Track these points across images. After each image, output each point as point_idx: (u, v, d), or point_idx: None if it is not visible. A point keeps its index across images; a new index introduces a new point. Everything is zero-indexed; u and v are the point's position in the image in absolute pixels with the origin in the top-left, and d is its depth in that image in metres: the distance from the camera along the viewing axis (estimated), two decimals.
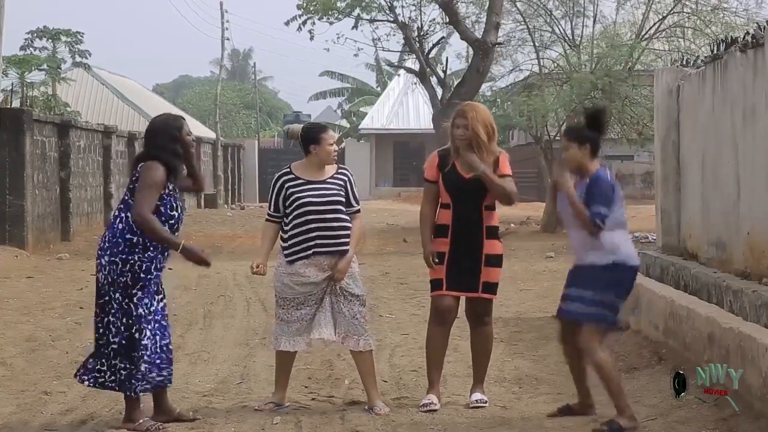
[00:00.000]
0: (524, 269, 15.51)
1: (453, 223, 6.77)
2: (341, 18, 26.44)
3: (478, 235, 6.76)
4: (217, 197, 36.88)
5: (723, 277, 8.19)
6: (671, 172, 10.55)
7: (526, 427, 6.39)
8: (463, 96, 23.32)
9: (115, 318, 6.25)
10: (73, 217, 21.14)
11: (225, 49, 51.92)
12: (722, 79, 9.07)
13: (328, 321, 6.76)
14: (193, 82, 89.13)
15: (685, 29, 27.74)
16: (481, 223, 6.76)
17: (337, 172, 6.93)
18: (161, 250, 6.34)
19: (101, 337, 6.31)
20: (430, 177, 6.87)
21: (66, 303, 11.98)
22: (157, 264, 6.33)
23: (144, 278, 6.27)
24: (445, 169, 6.80)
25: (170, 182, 6.38)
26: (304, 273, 6.73)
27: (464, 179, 6.75)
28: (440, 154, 6.88)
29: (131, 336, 6.24)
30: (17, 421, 6.54)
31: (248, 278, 14.64)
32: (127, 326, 6.24)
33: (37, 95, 27.35)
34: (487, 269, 6.77)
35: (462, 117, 6.77)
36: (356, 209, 6.95)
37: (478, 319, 6.91)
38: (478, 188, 6.74)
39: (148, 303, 6.29)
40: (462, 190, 6.76)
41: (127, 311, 6.25)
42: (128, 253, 6.24)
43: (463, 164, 6.74)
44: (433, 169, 6.85)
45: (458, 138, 6.75)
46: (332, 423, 6.47)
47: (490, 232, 6.81)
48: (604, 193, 6.25)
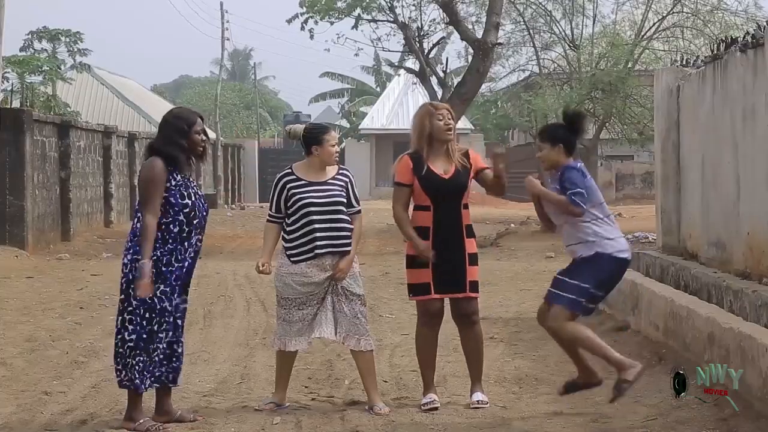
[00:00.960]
0: (524, 269, 15.50)
1: (434, 225, 6.72)
2: (342, 18, 26.43)
3: (460, 235, 6.75)
4: (217, 197, 36.89)
5: (723, 277, 8.19)
6: (671, 172, 10.55)
7: (526, 427, 6.39)
8: (463, 96, 23.32)
9: (132, 316, 6.26)
10: (73, 218, 21.14)
11: (225, 49, 51.96)
12: (722, 79, 9.07)
13: (329, 321, 6.77)
14: (193, 82, 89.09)
15: (684, 29, 27.75)
16: (461, 222, 6.75)
17: (339, 172, 6.92)
18: (180, 240, 6.31)
19: (116, 336, 6.33)
20: (404, 180, 6.78)
21: (66, 303, 11.98)
22: (177, 255, 6.30)
23: (166, 270, 6.26)
24: (421, 171, 6.73)
25: (175, 173, 6.33)
26: (307, 273, 6.74)
27: (444, 179, 6.71)
28: (412, 157, 6.79)
29: (151, 330, 6.26)
30: (17, 421, 6.54)
31: (248, 278, 14.65)
32: (149, 320, 6.25)
33: (37, 95, 27.36)
34: (470, 268, 6.78)
35: (443, 109, 6.82)
36: (357, 210, 6.95)
37: (467, 318, 6.87)
38: (458, 187, 6.74)
39: (175, 298, 6.31)
40: (441, 190, 6.71)
41: (150, 306, 6.25)
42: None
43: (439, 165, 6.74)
44: (408, 173, 6.76)
45: (445, 129, 6.73)
46: (332, 423, 6.47)
47: (469, 231, 6.82)
48: (573, 179, 6.32)
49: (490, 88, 31.21)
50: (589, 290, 6.31)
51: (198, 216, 6.41)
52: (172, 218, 6.30)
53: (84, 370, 8.19)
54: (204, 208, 6.49)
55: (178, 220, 6.31)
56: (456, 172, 6.75)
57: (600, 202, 6.43)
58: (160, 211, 6.27)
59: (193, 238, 6.39)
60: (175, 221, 6.31)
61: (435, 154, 6.77)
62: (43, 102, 27.26)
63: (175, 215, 6.31)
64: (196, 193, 6.45)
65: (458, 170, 6.76)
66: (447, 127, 6.75)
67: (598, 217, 6.36)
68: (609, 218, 6.45)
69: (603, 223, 6.38)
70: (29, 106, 23.91)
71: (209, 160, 38.10)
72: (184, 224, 6.33)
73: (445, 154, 6.78)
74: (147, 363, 6.28)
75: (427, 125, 6.76)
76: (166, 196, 6.29)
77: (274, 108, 75.05)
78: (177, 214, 6.30)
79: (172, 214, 6.30)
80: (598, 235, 6.33)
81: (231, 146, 43.57)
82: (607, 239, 6.34)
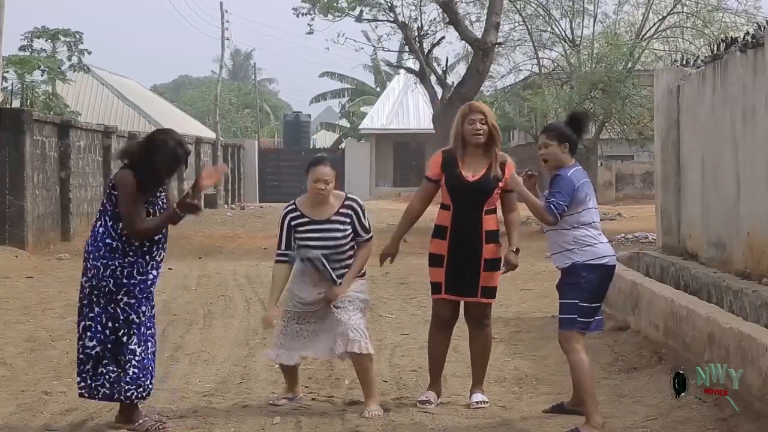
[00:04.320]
0: (524, 269, 15.47)
1: (452, 225, 6.64)
2: (342, 16, 26.45)
3: (477, 239, 6.63)
4: (217, 197, 36.87)
5: (723, 277, 8.20)
6: (671, 172, 10.56)
7: (526, 427, 6.39)
8: (463, 96, 23.35)
9: (93, 323, 6.15)
10: (73, 217, 21.14)
11: (226, 49, 51.96)
12: (722, 79, 9.07)
13: (326, 338, 6.70)
14: (192, 82, 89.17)
15: (684, 29, 27.78)
16: (480, 227, 6.62)
17: (344, 204, 6.70)
18: (141, 254, 6.20)
19: (78, 342, 6.24)
20: (432, 176, 6.72)
21: (66, 303, 11.97)
22: (139, 268, 6.19)
23: (127, 283, 6.15)
24: (449, 169, 6.66)
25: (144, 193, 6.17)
26: (301, 295, 6.74)
27: (467, 181, 6.61)
28: (444, 154, 6.74)
29: (118, 339, 6.15)
30: (17, 421, 6.53)
31: (248, 278, 14.66)
32: (112, 330, 6.15)
33: (37, 94, 27.37)
34: (486, 274, 6.68)
35: (478, 112, 6.63)
36: (366, 238, 6.76)
37: (477, 322, 6.85)
38: (480, 191, 6.62)
39: (144, 310, 6.21)
40: (463, 192, 6.62)
41: (113, 315, 6.14)
42: (108, 258, 6.14)
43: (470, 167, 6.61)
44: (437, 168, 6.70)
45: (473, 134, 6.61)
46: (332, 423, 6.46)
47: (490, 237, 6.67)
48: (561, 188, 6.16)
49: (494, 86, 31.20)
50: (578, 305, 6.15)
51: (160, 233, 6.27)
52: None
53: None
54: None
55: None
56: (484, 177, 6.62)
57: (587, 208, 6.23)
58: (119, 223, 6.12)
59: (155, 251, 6.25)
60: None
61: (470, 155, 6.65)
62: (43, 102, 27.26)
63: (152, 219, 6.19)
64: (162, 208, 6.28)
65: (487, 175, 6.63)
66: (475, 131, 6.59)
67: (582, 224, 6.20)
68: (594, 224, 6.26)
69: (586, 228, 6.20)
70: (29, 106, 23.92)
71: (209, 160, 38.11)
72: (146, 239, 6.20)
73: (482, 157, 6.65)
74: (120, 374, 6.13)
75: (460, 127, 6.67)
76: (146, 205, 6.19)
77: (274, 108, 75.06)
78: None
79: None
80: (577, 241, 6.17)
81: (231, 146, 43.57)
82: (586, 246, 6.17)
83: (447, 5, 24.07)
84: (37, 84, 28.94)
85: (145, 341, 6.24)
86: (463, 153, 6.66)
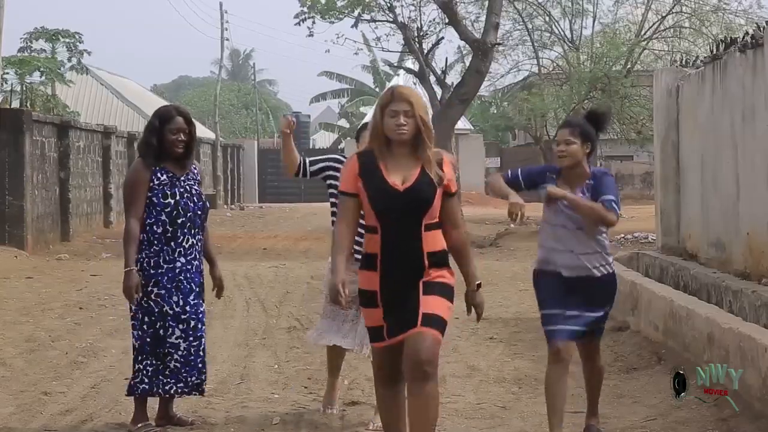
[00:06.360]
0: (524, 269, 15.48)
1: (382, 252, 4.88)
2: (341, 18, 26.44)
3: (418, 266, 4.87)
4: (217, 197, 36.88)
5: (723, 277, 8.20)
6: (671, 172, 10.56)
7: (526, 427, 6.39)
8: (462, 96, 23.34)
9: (134, 320, 6.19)
10: (72, 218, 21.15)
11: (226, 49, 51.99)
12: (721, 79, 9.08)
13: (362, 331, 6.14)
14: (192, 82, 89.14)
15: (684, 29, 27.80)
16: (421, 249, 4.86)
17: None
18: (166, 241, 6.10)
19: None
20: (347, 188, 4.93)
21: (65, 303, 11.98)
22: (165, 257, 6.10)
23: (154, 273, 6.08)
24: (370, 177, 4.90)
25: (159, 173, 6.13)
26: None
27: (395, 191, 4.85)
28: (361, 158, 4.98)
29: (156, 333, 6.12)
30: (17, 421, 6.53)
31: (248, 278, 14.66)
32: (150, 324, 6.13)
33: (36, 95, 27.35)
34: (426, 298, 4.85)
35: (402, 101, 4.88)
36: None
37: (416, 368, 4.79)
38: (415, 201, 4.86)
39: (177, 300, 6.12)
40: (391, 205, 4.86)
41: (147, 309, 6.11)
42: (136, 252, 6.10)
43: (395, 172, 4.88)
44: (353, 179, 4.92)
45: (396, 130, 4.87)
46: (332, 423, 6.47)
47: (435, 261, 4.90)
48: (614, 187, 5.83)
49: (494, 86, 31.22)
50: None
51: (183, 215, 6.14)
52: (154, 219, 6.10)
53: (83, 370, 8.18)
54: (196, 207, 6.21)
55: (160, 220, 6.10)
56: (418, 182, 4.87)
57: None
58: (144, 212, 6.10)
59: (180, 237, 6.14)
60: (157, 221, 6.11)
61: (395, 156, 4.93)
62: (42, 102, 27.25)
63: (158, 215, 6.11)
64: (186, 191, 6.19)
65: (422, 179, 4.88)
66: (398, 125, 4.87)
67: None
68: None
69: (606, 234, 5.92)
70: (29, 107, 23.91)
71: (208, 160, 38.11)
72: (167, 224, 6.10)
73: (410, 157, 4.92)
74: (159, 367, 6.12)
75: (379, 121, 4.95)
76: (149, 196, 6.11)
77: (274, 108, 75.08)
78: (159, 214, 6.11)
79: (154, 214, 6.11)
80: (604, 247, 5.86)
81: (230, 146, 43.58)
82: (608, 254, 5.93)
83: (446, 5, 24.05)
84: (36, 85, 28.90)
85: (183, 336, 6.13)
86: (385, 153, 4.94)
